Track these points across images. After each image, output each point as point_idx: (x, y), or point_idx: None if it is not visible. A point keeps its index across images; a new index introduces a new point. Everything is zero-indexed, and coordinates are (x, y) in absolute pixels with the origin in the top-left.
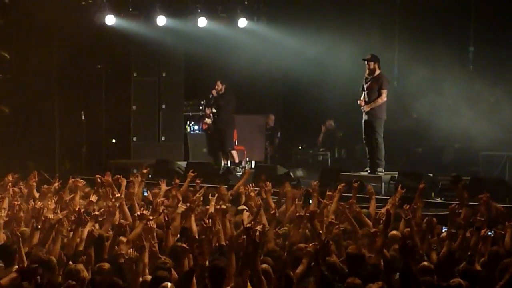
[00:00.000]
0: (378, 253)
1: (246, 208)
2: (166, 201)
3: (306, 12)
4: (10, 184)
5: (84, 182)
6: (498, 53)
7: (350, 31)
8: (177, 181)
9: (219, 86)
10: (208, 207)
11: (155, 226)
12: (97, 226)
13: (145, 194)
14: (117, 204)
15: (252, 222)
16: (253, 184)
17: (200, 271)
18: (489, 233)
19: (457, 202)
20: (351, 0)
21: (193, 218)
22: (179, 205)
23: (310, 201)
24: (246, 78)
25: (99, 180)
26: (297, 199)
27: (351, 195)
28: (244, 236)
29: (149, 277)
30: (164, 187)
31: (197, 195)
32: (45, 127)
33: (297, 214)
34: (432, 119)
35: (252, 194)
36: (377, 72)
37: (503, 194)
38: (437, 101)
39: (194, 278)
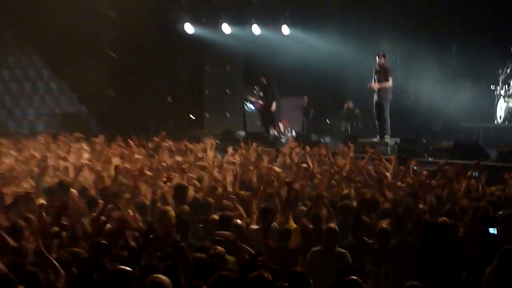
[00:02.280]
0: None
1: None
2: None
3: (332, 20)
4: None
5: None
6: (473, 52)
7: (366, 33)
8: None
9: (263, 80)
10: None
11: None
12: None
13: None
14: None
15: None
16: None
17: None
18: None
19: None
20: (366, 10)
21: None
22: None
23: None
24: (287, 70)
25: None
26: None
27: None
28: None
29: (216, 216)
30: (230, 150)
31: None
32: (141, 107)
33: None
34: (425, 98)
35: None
36: (385, 65)
37: (477, 155)
38: (429, 86)
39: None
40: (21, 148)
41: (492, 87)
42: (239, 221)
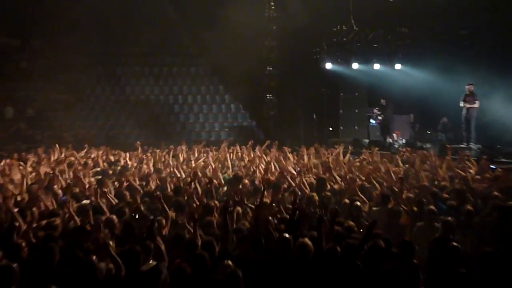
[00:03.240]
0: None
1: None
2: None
3: (431, 59)
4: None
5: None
6: None
7: (455, 67)
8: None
9: (383, 101)
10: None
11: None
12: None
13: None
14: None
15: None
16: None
17: None
18: None
19: None
20: (456, 51)
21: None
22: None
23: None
24: (399, 95)
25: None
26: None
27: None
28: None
29: (347, 200)
30: (365, 154)
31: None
32: (294, 123)
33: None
34: (499, 115)
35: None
36: (474, 91)
37: None
38: (501, 106)
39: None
40: (210, 151)
41: None
42: (358, 203)
